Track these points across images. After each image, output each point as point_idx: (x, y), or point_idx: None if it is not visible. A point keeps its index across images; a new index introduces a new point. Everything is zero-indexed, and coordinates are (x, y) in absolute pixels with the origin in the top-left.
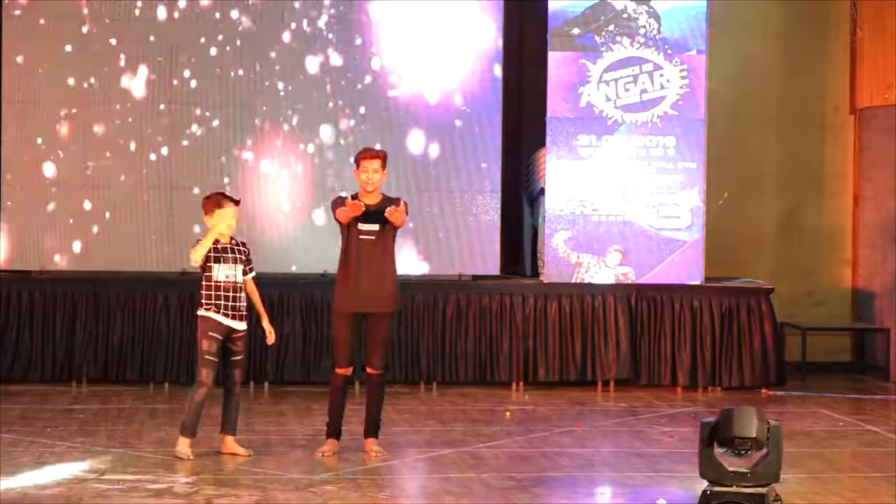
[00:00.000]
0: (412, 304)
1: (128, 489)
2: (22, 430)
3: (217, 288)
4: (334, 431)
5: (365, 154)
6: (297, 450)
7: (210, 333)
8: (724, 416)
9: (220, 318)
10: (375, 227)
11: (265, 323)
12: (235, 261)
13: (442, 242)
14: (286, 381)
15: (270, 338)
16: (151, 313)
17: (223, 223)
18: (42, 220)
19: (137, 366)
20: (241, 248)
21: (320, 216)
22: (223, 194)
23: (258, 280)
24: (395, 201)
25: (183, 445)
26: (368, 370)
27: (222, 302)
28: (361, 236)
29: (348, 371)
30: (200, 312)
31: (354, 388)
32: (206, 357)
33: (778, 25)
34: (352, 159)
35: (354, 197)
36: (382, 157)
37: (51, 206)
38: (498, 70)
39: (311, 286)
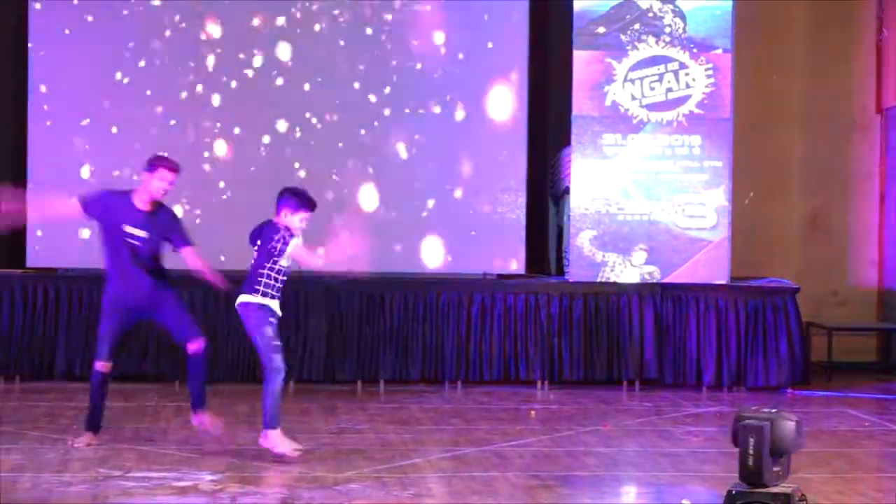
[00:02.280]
0: (437, 303)
1: (153, 486)
2: (48, 426)
3: (279, 274)
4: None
5: (173, 166)
6: (322, 448)
7: (271, 319)
8: (770, 424)
9: (275, 304)
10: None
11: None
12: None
13: (467, 241)
14: (310, 379)
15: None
16: None
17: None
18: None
19: (162, 363)
20: None
21: None
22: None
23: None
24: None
25: (281, 438)
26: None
27: (279, 287)
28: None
29: None
30: (257, 300)
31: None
32: (275, 343)
33: (804, 25)
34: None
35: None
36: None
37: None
38: (523, 68)
39: (336, 284)
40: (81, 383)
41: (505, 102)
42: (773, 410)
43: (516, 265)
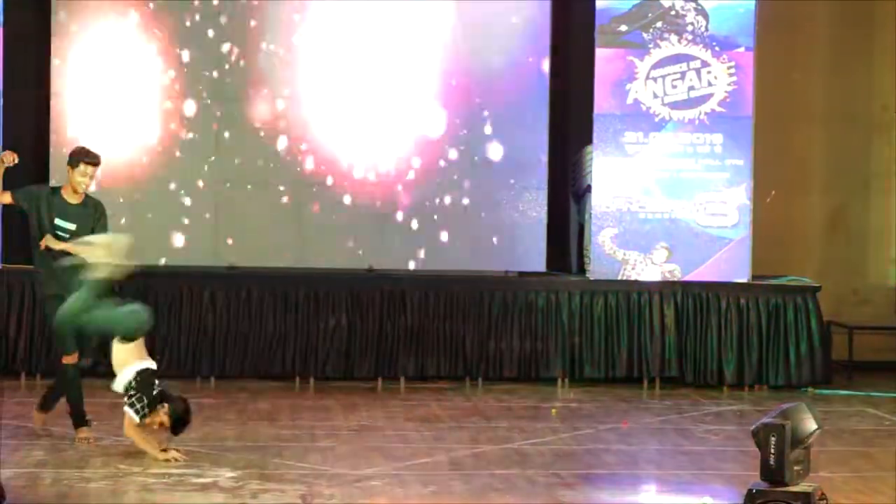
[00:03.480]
0: (458, 300)
1: (173, 483)
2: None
3: None
4: None
5: (94, 159)
6: (343, 445)
7: None
8: (788, 416)
9: None
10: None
11: None
12: None
13: (488, 239)
14: (330, 376)
15: None
16: (198, 307)
17: None
18: None
19: (184, 359)
20: None
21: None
22: None
23: (301, 273)
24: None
25: None
26: None
27: None
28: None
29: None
30: None
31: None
32: None
33: (825, 24)
34: None
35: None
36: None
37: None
38: (545, 66)
39: (356, 281)
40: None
41: (526, 100)
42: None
43: (537, 263)
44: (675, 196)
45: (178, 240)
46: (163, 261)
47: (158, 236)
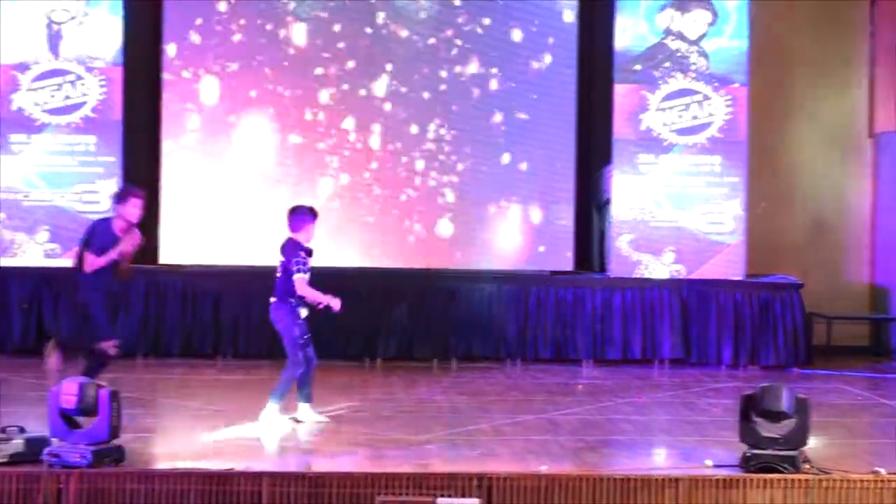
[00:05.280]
0: (500, 295)
1: (260, 446)
2: (177, 393)
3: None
4: None
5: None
6: (404, 414)
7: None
8: (760, 391)
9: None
10: None
11: None
12: None
13: (525, 243)
14: (394, 357)
15: None
16: None
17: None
18: (192, 220)
19: (273, 342)
20: None
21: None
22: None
23: (372, 272)
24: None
25: (278, 414)
26: None
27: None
28: None
29: None
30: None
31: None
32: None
33: (808, 62)
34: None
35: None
36: None
37: (199, 208)
38: (572, 99)
39: (417, 279)
40: (203, 359)
41: (556, 128)
42: (771, 383)
43: (566, 264)
44: (681, 208)
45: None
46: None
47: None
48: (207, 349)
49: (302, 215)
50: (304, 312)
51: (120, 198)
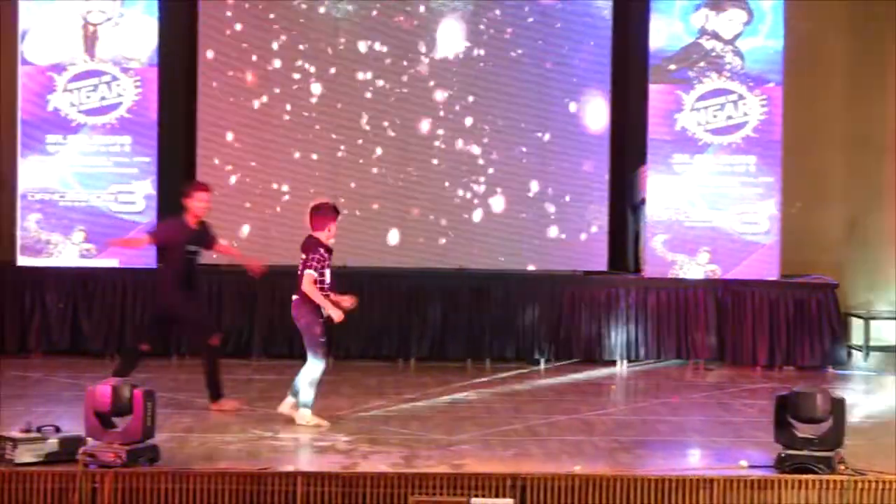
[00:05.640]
0: (535, 295)
1: (298, 446)
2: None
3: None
4: None
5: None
6: (439, 414)
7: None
8: (795, 392)
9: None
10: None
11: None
12: None
13: (560, 244)
14: (427, 358)
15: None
16: None
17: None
18: (227, 219)
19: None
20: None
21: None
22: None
23: (405, 272)
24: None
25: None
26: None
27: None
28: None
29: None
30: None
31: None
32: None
33: (843, 61)
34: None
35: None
36: None
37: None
38: (607, 99)
39: (450, 279)
40: (237, 359)
41: (592, 128)
42: (812, 387)
43: (600, 264)
44: (716, 208)
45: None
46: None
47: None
48: (241, 349)
49: (324, 213)
50: (325, 312)
51: (187, 193)
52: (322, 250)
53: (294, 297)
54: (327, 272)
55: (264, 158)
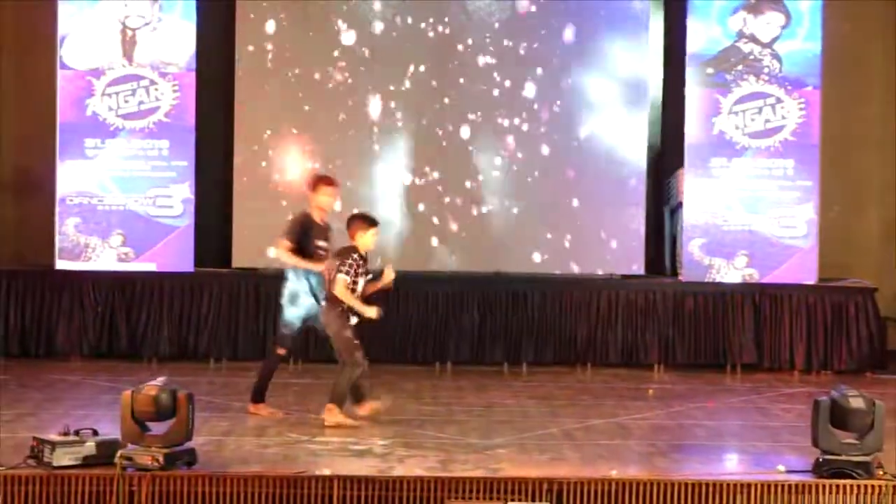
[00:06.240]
0: (572, 299)
1: (334, 450)
2: (248, 399)
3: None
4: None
5: (333, 181)
6: (475, 419)
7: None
8: (833, 396)
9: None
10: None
11: None
12: None
13: (597, 247)
14: (464, 361)
15: None
16: None
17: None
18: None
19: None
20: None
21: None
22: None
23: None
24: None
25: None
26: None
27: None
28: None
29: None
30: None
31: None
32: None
33: (881, 64)
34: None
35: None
36: None
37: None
38: (645, 103)
39: (487, 283)
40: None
41: (630, 131)
42: (850, 391)
43: (637, 267)
44: (754, 211)
45: None
46: None
47: None
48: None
49: (358, 223)
50: (353, 320)
51: (312, 186)
52: (356, 255)
53: (322, 303)
54: (360, 280)
55: (301, 162)
